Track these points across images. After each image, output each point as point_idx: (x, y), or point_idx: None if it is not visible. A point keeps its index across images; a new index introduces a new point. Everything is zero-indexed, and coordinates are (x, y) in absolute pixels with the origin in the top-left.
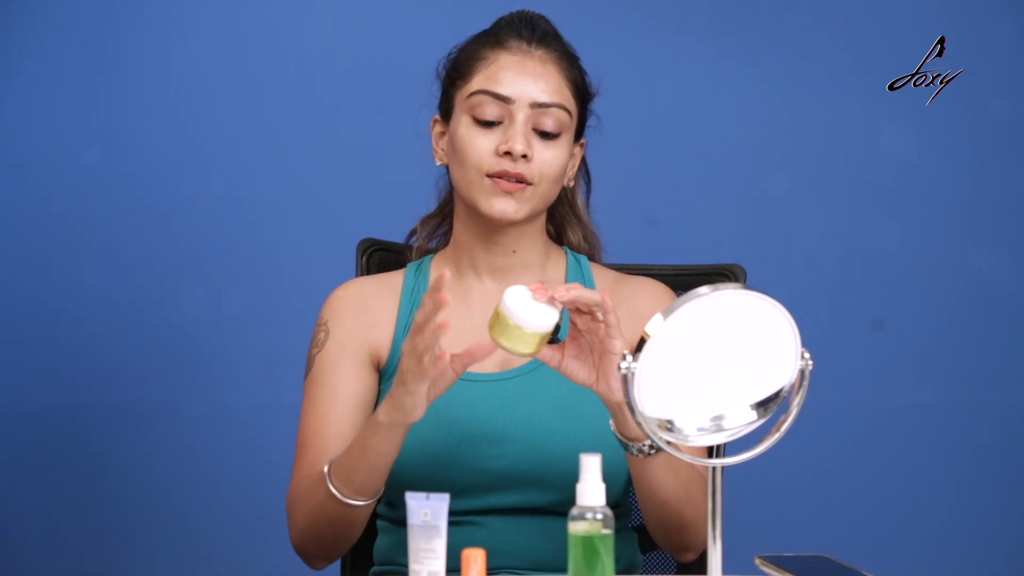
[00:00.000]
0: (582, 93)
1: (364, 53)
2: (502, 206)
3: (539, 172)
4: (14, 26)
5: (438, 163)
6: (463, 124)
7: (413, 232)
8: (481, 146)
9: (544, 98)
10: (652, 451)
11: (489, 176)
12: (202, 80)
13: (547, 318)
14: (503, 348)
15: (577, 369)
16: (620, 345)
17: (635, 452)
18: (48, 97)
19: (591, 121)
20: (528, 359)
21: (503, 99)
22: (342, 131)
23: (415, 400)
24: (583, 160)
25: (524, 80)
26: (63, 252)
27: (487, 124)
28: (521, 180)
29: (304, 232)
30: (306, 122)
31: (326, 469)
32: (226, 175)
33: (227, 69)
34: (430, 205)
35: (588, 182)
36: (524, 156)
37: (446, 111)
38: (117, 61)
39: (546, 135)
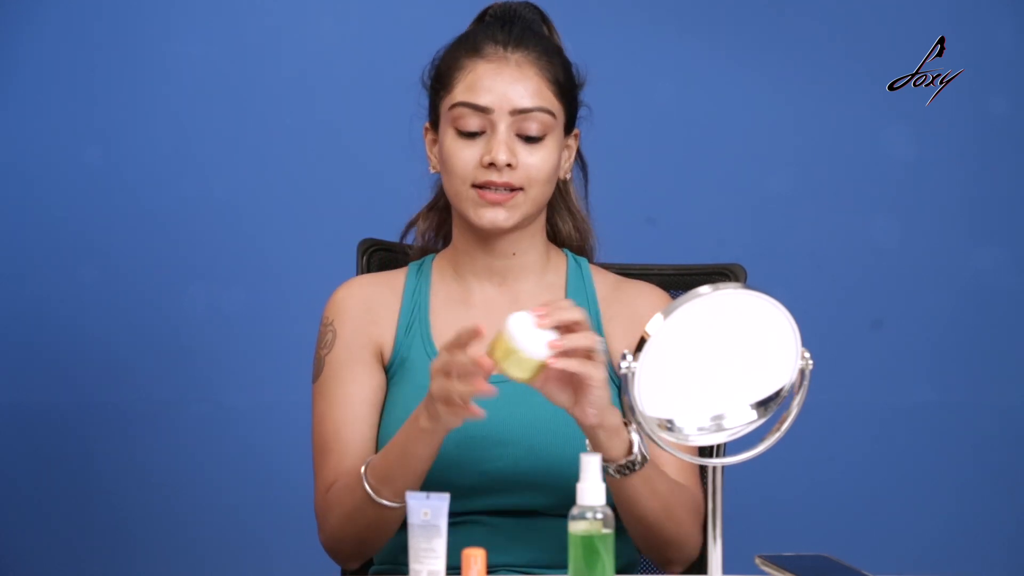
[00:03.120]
0: (566, 89)
1: (364, 52)
2: (492, 216)
3: (527, 177)
4: (14, 26)
5: (432, 171)
6: (448, 136)
7: (411, 225)
8: (466, 158)
9: (524, 103)
10: (626, 472)
11: (475, 187)
12: (202, 80)
13: (548, 347)
14: (502, 370)
15: (557, 392)
16: (599, 374)
17: (612, 472)
18: (48, 97)
19: (582, 111)
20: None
21: (482, 109)
22: (342, 131)
23: (457, 417)
24: (578, 150)
25: (502, 88)
26: (63, 252)
27: (470, 135)
28: (509, 188)
29: (304, 232)
30: (306, 122)
31: (363, 473)
32: (226, 175)
33: (226, 69)
34: (432, 189)
35: (584, 171)
36: (509, 165)
37: (434, 120)
38: (117, 61)
39: (530, 139)
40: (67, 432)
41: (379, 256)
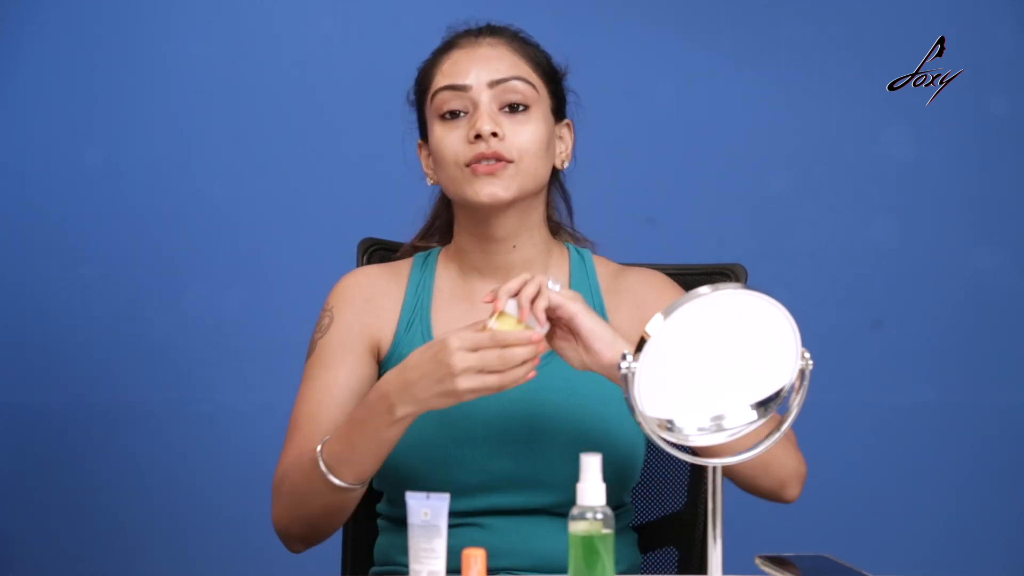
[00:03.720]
0: (546, 71)
1: (364, 53)
2: (489, 189)
3: (516, 148)
4: (14, 26)
5: (430, 183)
6: (436, 128)
7: (403, 254)
8: (454, 139)
9: (499, 74)
10: None
11: (468, 165)
12: (202, 81)
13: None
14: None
15: (570, 350)
16: (572, 304)
17: None
18: (48, 97)
19: (571, 98)
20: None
21: (461, 88)
22: (342, 131)
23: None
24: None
25: (477, 65)
26: (63, 252)
27: (453, 116)
28: (499, 158)
29: (304, 232)
30: (306, 122)
31: (319, 453)
32: (226, 175)
33: (227, 70)
34: (430, 204)
35: (568, 204)
36: (495, 135)
37: (424, 131)
38: (117, 62)
39: (514, 108)
40: (65, 432)
41: (379, 256)
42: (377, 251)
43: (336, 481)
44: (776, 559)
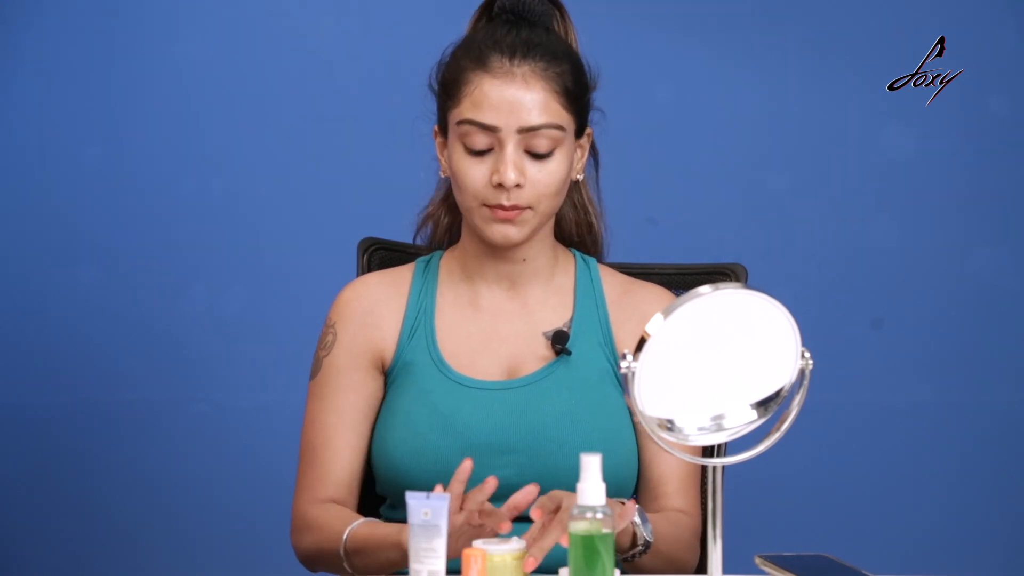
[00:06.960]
0: (575, 96)
1: (365, 52)
2: (503, 232)
3: (536, 195)
4: (15, 25)
5: (442, 175)
6: (456, 151)
7: (428, 218)
8: (475, 176)
9: (532, 121)
10: (638, 556)
11: (485, 205)
12: (202, 79)
13: (511, 543)
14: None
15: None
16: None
17: (629, 559)
18: (48, 95)
19: (595, 115)
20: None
21: (489, 128)
22: (343, 130)
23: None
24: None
25: (508, 105)
26: (63, 252)
27: (478, 153)
28: (518, 207)
29: (304, 231)
30: (307, 121)
31: (343, 539)
32: (226, 174)
33: (227, 68)
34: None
35: (596, 161)
36: (517, 185)
37: (443, 127)
38: (118, 59)
39: (539, 155)
40: (65, 432)
41: (380, 255)
42: (378, 251)
43: (350, 569)
44: (776, 559)
